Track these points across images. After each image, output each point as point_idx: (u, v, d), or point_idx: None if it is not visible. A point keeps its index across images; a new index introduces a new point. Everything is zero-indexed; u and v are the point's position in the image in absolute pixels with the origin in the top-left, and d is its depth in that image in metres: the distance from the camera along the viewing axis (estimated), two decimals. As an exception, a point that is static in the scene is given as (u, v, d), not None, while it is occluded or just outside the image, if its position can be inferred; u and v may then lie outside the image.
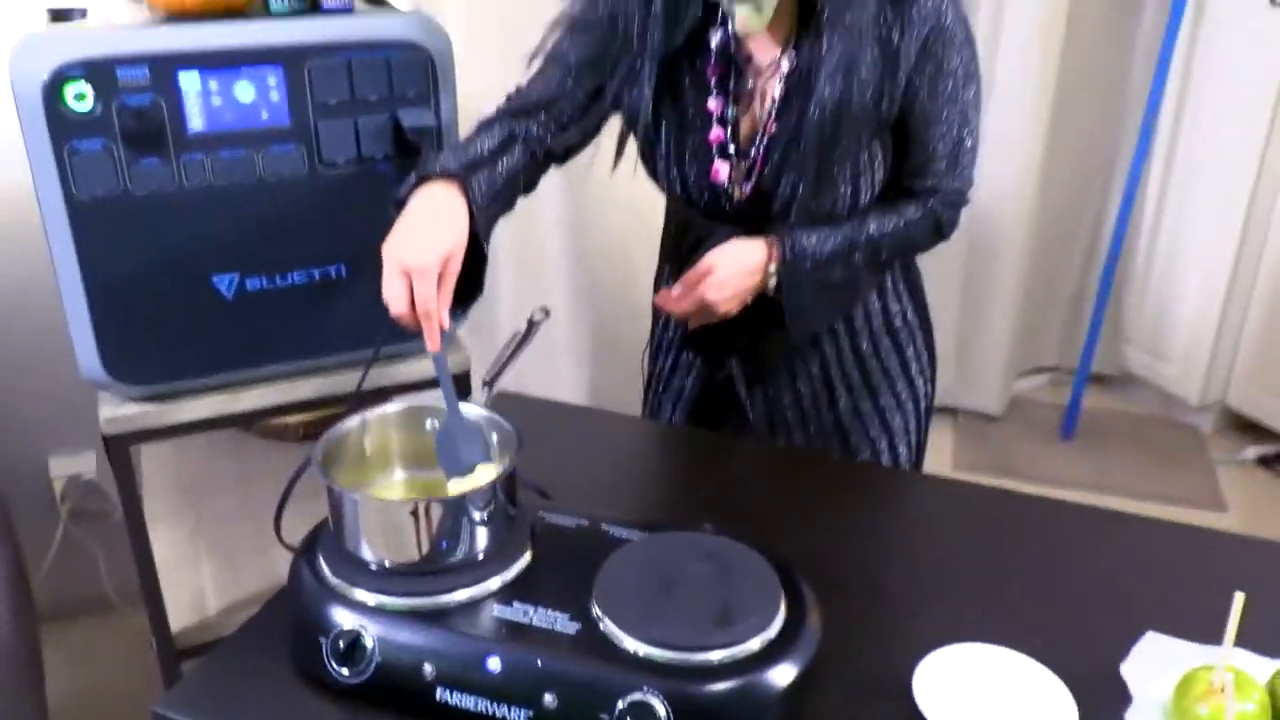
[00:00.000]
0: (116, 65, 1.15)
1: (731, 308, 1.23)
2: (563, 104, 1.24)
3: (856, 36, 1.11)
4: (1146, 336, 3.07)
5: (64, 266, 1.23)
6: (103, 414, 1.32)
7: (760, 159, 1.22)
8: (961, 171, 1.26)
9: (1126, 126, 2.93)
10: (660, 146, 1.26)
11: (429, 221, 1.09)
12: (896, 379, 1.39)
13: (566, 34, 1.24)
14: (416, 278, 1.04)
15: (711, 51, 1.21)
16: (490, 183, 1.16)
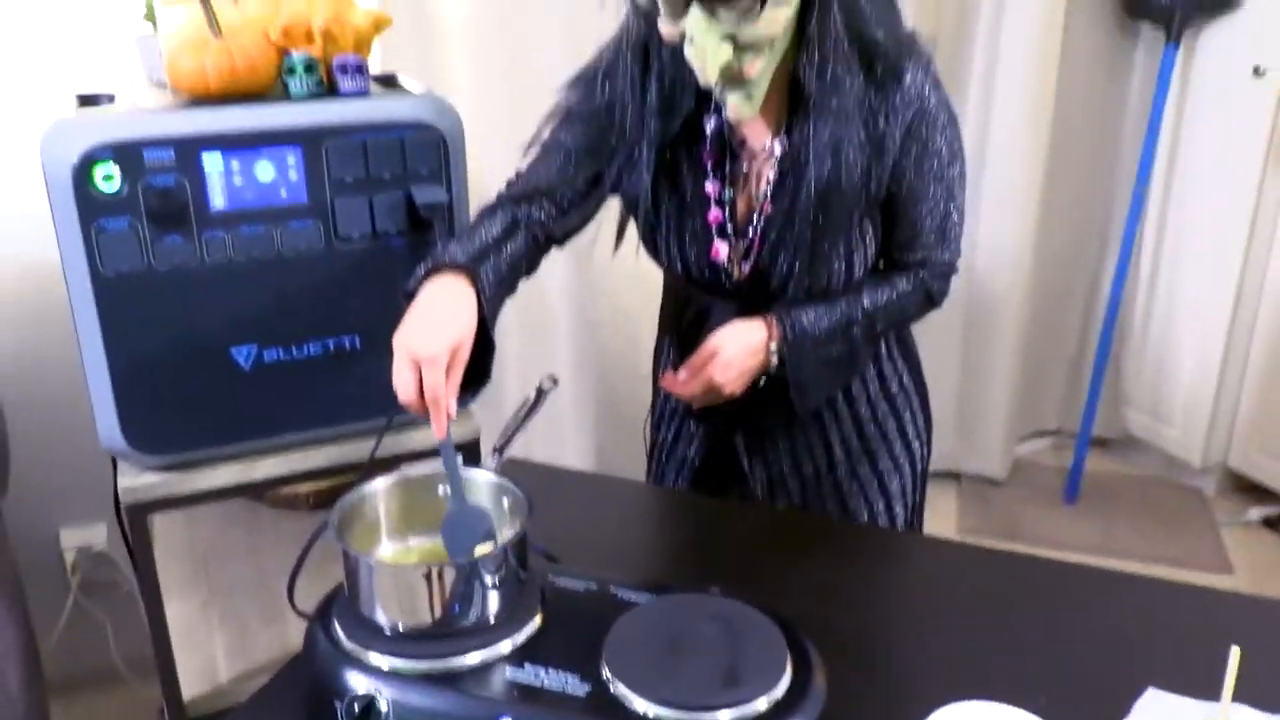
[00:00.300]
0: (143, 148, 1.20)
1: (737, 388, 1.26)
2: (563, 190, 1.28)
3: (843, 120, 1.15)
4: (1146, 399, 3.10)
5: (88, 339, 1.27)
6: (121, 483, 1.35)
7: (757, 239, 1.26)
8: (949, 244, 1.30)
9: (1119, 193, 3.00)
10: (661, 228, 1.30)
11: (439, 312, 1.11)
12: (894, 443, 1.42)
13: (563, 124, 1.28)
14: (426, 367, 1.06)
15: (707, 137, 1.25)
16: (497, 271, 1.19)
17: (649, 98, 1.21)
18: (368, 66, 1.35)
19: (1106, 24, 2.87)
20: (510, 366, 2.33)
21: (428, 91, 1.40)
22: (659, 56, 1.20)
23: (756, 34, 1.07)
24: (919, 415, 1.44)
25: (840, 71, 1.13)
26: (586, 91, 1.27)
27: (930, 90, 1.19)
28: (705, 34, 1.06)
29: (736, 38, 1.07)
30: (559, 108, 1.29)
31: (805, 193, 1.19)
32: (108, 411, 1.30)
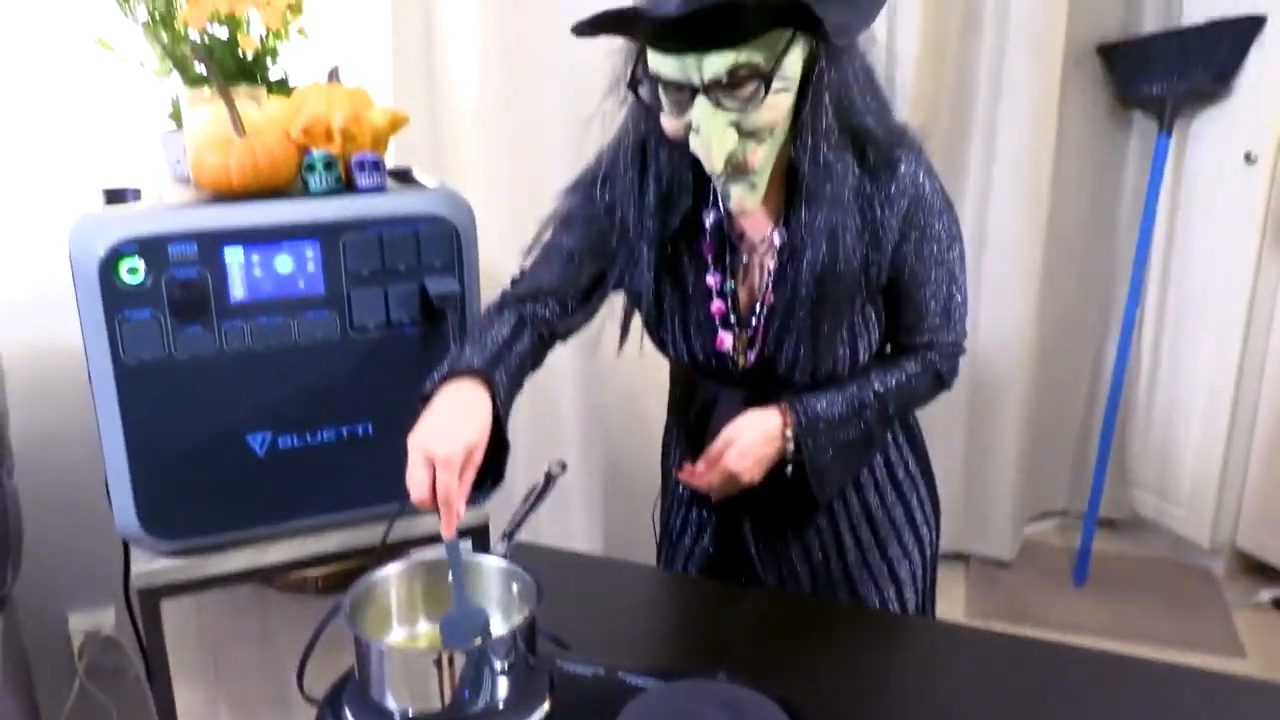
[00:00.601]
0: (168, 243, 1.25)
1: (755, 476, 1.28)
2: (566, 289, 1.31)
3: (838, 206, 1.18)
4: (1153, 480, 3.10)
5: (108, 425, 1.30)
6: (135, 568, 1.37)
7: (761, 327, 1.29)
8: (954, 325, 1.33)
9: (1118, 276, 3.04)
10: (666, 322, 1.33)
11: (455, 415, 1.13)
12: (903, 529, 1.42)
13: (563, 227, 1.32)
14: (440, 468, 1.09)
15: (706, 231, 1.29)
16: (509, 372, 1.22)
17: (647, 198, 1.25)
18: (384, 163, 1.40)
19: (1100, 114, 2.95)
20: (518, 450, 2.32)
21: (441, 185, 1.45)
22: (655, 157, 1.24)
23: (759, 121, 1.11)
24: (926, 501, 1.45)
25: (833, 159, 1.16)
26: (586, 195, 1.30)
27: (924, 178, 1.23)
28: (711, 122, 1.09)
29: (740, 126, 1.11)
30: (559, 212, 1.33)
31: (804, 279, 1.21)
32: (125, 496, 1.32)
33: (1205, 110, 2.79)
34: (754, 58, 1.07)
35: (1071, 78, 2.82)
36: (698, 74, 1.07)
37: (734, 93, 1.09)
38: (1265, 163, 2.64)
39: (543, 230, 1.34)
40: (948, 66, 2.66)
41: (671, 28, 1.05)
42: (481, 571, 1.17)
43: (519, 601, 1.14)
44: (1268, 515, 2.85)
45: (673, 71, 1.09)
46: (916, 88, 2.57)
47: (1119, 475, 3.15)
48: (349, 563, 1.49)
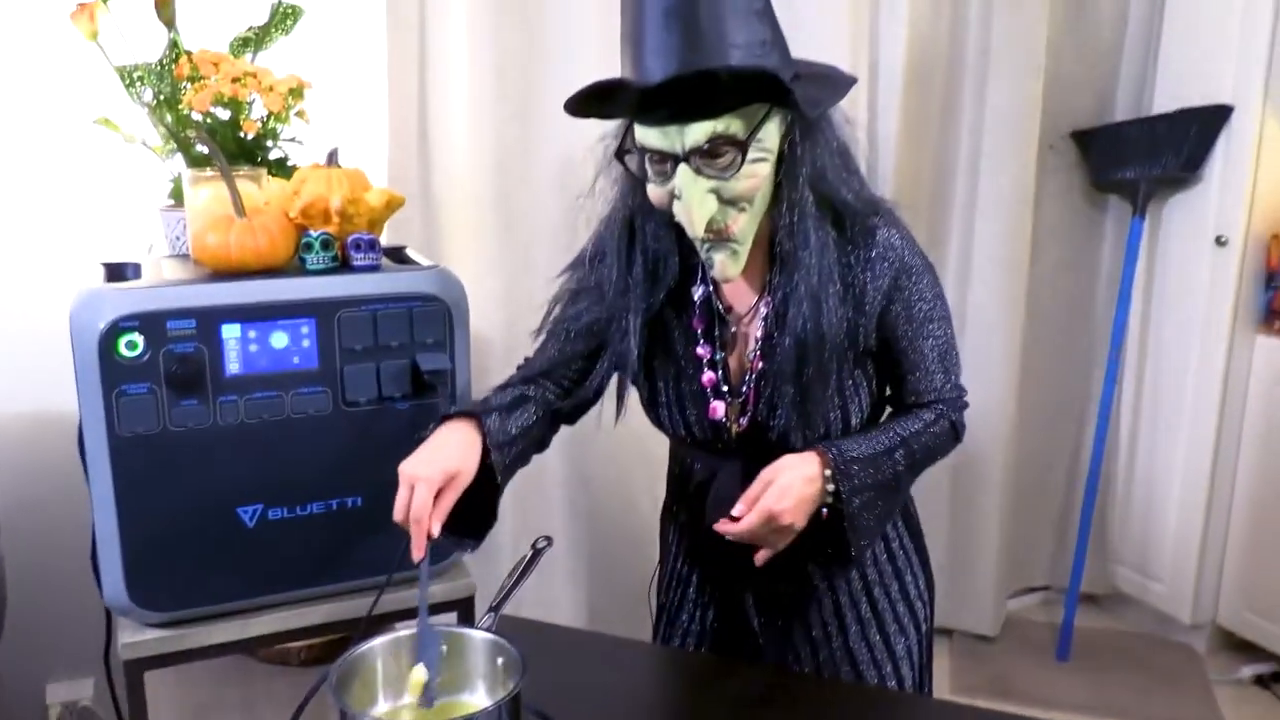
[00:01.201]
0: (167, 318, 1.28)
1: (798, 519, 1.24)
2: (563, 370, 1.37)
3: (818, 274, 1.23)
4: (1134, 556, 3.13)
5: (100, 496, 1.31)
6: (121, 639, 1.37)
7: (752, 395, 1.33)
8: (954, 378, 1.36)
9: (1096, 354, 3.10)
10: (661, 395, 1.37)
11: (442, 445, 1.21)
12: (898, 604, 1.44)
13: (567, 305, 1.38)
14: (417, 485, 1.16)
15: (695, 305, 1.34)
16: (503, 426, 1.27)
17: (635, 270, 1.30)
18: (379, 243, 1.44)
19: (1076, 197, 3.03)
20: (504, 523, 2.36)
21: (434, 265, 1.49)
22: (643, 232, 1.30)
23: (738, 189, 1.17)
24: (920, 576, 1.47)
25: (811, 228, 1.22)
26: (581, 272, 1.37)
27: (902, 243, 1.28)
28: (692, 189, 1.15)
29: (720, 193, 1.17)
30: (561, 292, 1.39)
31: (790, 344, 1.26)
32: (114, 567, 1.33)
33: (1177, 195, 2.87)
34: (731, 128, 1.13)
35: (1048, 162, 2.91)
36: (679, 143, 1.14)
37: (713, 161, 1.15)
38: (1235, 246, 2.72)
39: (548, 312, 1.40)
40: (928, 148, 2.74)
41: (654, 98, 1.12)
42: (467, 644, 1.19)
43: (504, 675, 1.15)
44: (1247, 592, 2.87)
45: (657, 141, 1.15)
46: (897, 168, 2.64)
47: (1101, 551, 3.17)
48: (332, 634, 1.49)
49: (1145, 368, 3.03)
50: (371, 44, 2.05)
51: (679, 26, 1.11)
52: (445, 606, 1.54)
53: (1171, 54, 2.85)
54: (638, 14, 1.14)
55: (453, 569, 1.56)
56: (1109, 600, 3.26)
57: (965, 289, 2.86)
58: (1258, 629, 2.85)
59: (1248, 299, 2.77)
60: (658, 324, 1.35)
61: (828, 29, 2.44)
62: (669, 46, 1.11)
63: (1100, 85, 2.96)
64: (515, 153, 2.22)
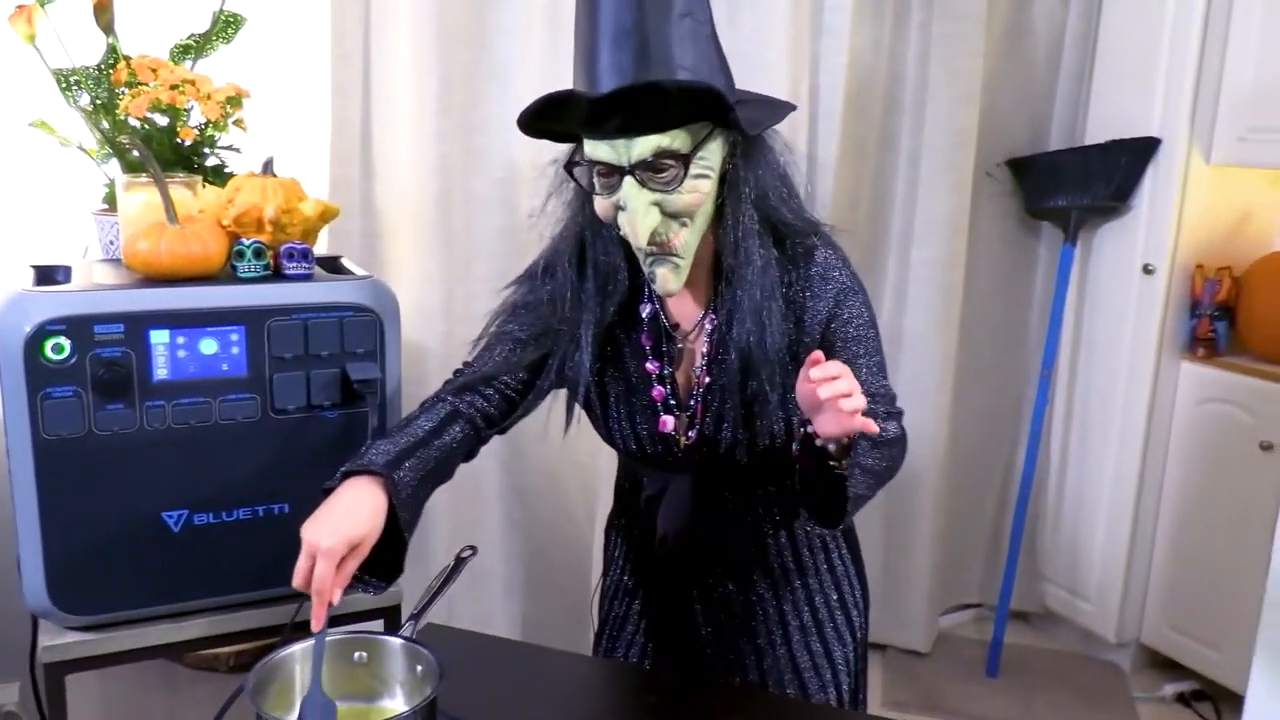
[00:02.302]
0: (94, 323, 1.29)
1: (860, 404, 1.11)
2: (507, 377, 1.38)
3: (759, 288, 1.27)
4: (1063, 575, 3.20)
5: (23, 499, 1.31)
6: (42, 642, 1.37)
7: (699, 408, 1.36)
8: (890, 390, 1.36)
9: (1029, 377, 3.18)
10: (612, 410, 1.40)
11: (345, 510, 1.18)
12: (836, 613, 1.48)
13: (510, 318, 1.40)
14: (320, 558, 1.14)
15: (643, 322, 1.38)
16: (419, 468, 1.26)
17: (586, 285, 1.34)
18: (312, 253, 1.45)
19: (1011, 223, 3.11)
20: (438, 534, 2.37)
21: (368, 276, 1.51)
22: (593, 247, 1.33)
23: (680, 204, 1.21)
24: (856, 587, 1.52)
25: (752, 246, 1.27)
26: (530, 286, 1.40)
27: (840, 265, 1.33)
28: (636, 200, 1.19)
29: (663, 206, 1.21)
30: (506, 304, 1.41)
31: (733, 358, 1.30)
32: (35, 571, 1.33)
33: (1108, 223, 2.96)
34: (675, 143, 1.19)
35: (984, 188, 2.98)
36: (626, 155, 1.18)
37: (657, 175, 1.20)
38: (1162, 274, 2.81)
39: (490, 323, 1.42)
40: (866, 174, 2.80)
41: (604, 110, 1.17)
42: (385, 651, 1.21)
43: (422, 682, 1.17)
44: (1171, 612, 2.95)
45: (604, 154, 1.20)
46: (836, 192, 2.70)
47: (1030, 570, 3.24)
48: (260, 641, 1.50)
49: (1075, 391, 3.11)
50: (315, 54, 2.07)
51: (630, 46, 1.17)
52: (373, 614, 1.55)
53: (1103, 86, 2.94)
54: (591, 34, 1.19)
55: (381, 578, 1.57)
56: (1039, 618, 3.33)
57: (901, 312, 2.92)
58: (1181, 647, 2.93)
59: (1173, 326, 2.85)
60: (608, 341, 1.38)
61: (769, 55, 2.49)
62: (620, 64, 1.17)
63: (1035, 115, 3.04)
64: (457, 167, 2.24)
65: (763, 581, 1.46)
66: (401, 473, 1.23)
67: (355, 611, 1.53)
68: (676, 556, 1.46)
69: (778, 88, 2.49)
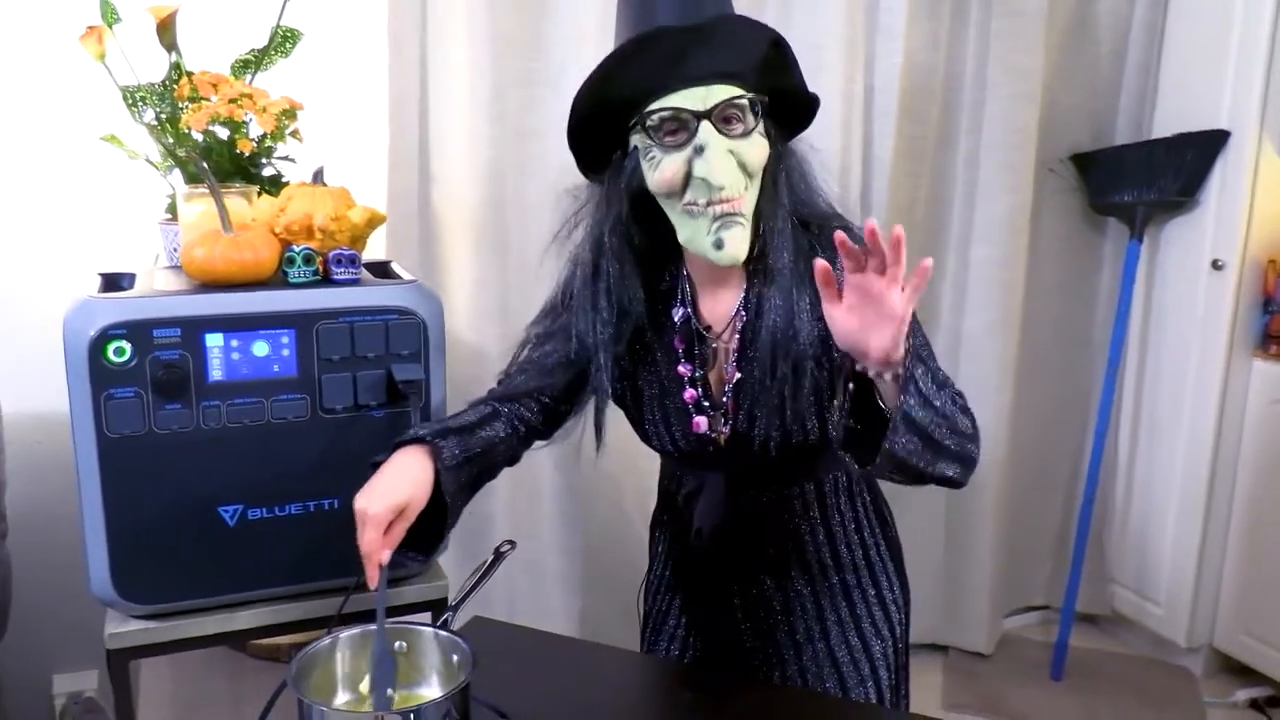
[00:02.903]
0: (153, 327, 1.36)
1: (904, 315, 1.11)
2: (546, 391, 1.43)
3: (790, 278, 1.31)
4: (1131, 577, 3.14)
5: (89, 494, 1.39)
6: (108, 629, 1.45)
7: (731, 405, 1.38)
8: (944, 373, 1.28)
9: (1094, 375, 3.12)
10: (647, 414, 1.43)
11: (390, 477, 1.26)
12: (874, 608, 1.49)
13: (534, 348, 1.45)
14: (366, 523, 1.21)
15: (675, 325, 1.40)
16: (463, 447, 1.32)
17: (600, 308, 1.37)
18: (360, 258, 1.51)
19: (1075, 219, 3.06)
20: (495, 527, 2.43)
21: (413, 280, 1.56)
22: (607, 274, 1.36)
23: (751, 154, 1.26)
24: (895, 582, 1.52)
25: (786, 236, 1.31)
26: (552, 317, 1.45)
27: None
28: (716, 144, 1.23)
29: (737, 155, 1.25)
30: (529, 336, 1.46)
31: (763, 349, 1.32)
32: (100, 561, 1.41)
33: (1175, 219, 2.90)
34: (743, 100, 1.25)
35: (1047, 184, 2.94)
36: (702, 102, 1.23)
37: (728, 126, 1.25)
38: (1232, 270, 2.74)
39: (517, 354, 1.47)
40: (924, 173, 2.78)
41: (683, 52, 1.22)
42: (423, 641, 1.25)
43: (458, 671, 1.21)
44: (1243, 615, 2.88)
45: (680, 100, 1.24)
46: (893, 191, 2.69)
47: (1099, 572, 3.19)
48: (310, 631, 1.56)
49: (1142, 390, 3.05)
50: (372, 65, 2.13)
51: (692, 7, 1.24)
52: (420, 606, 1.60)
53: (1170, 79, 2.88)
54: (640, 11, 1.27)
55: (429, 571, 1.63)
56: (1107, 621, 3.27)
57: (961, 311, 2.90)
58: (1254, 652, 2.86)
59: (1244, 322, 2.79)
60: (641, 347, 1.41)
61: (824, 57, 2.49)
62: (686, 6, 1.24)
63: (1100, 109, 2.99)
64: (510, 172, 2.29)
65: (800, 577, 1.48)
66: (444, 444, 1.30)
67: (404, 604, 1.58)
68: (713, 553, 1.48)
69: (832, 88, 2.50)
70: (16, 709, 2.03)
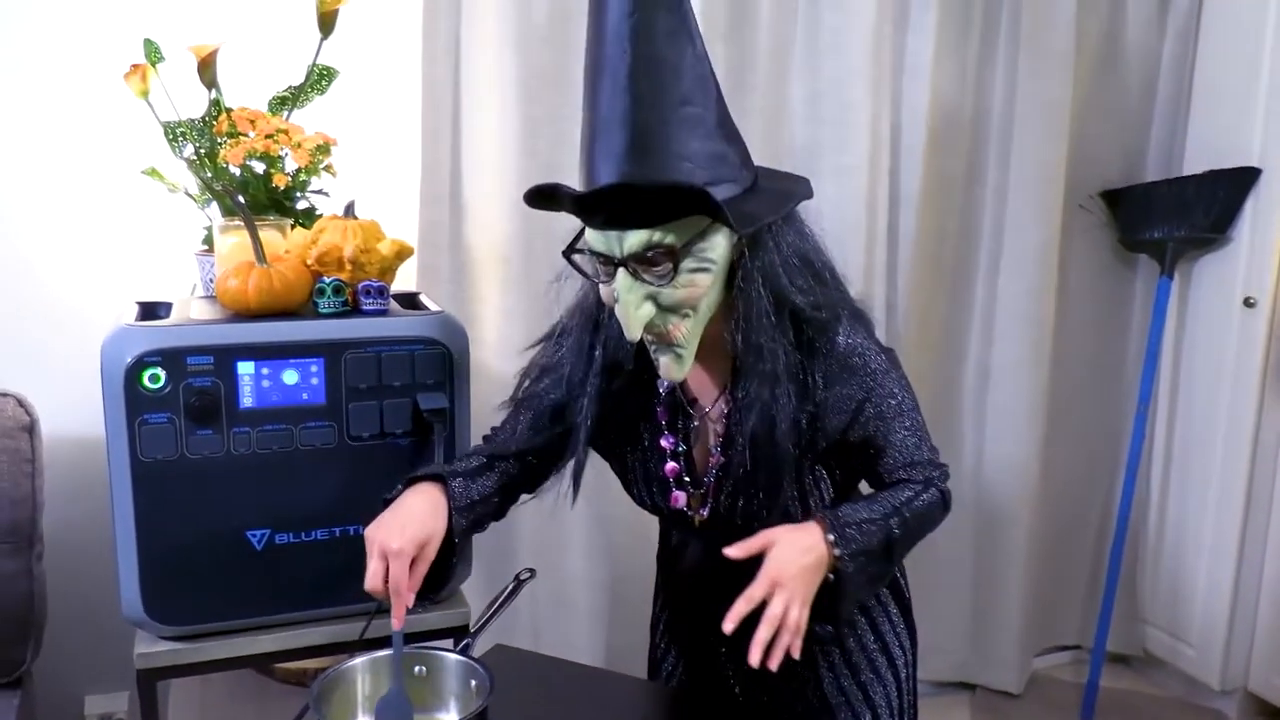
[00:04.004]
0: (187, 355, 1.40)
1: (802, 590, 1.20)
2: (531, 452, 1.41)
3: (770, 381, 1.23)
4: (1164, 618, 3.10)
5: (122, 516, 1.43)
6: (137, 649, 1.48)
7: (713, 486, 1.36)
8: (932, 454, 1.35)
9: (1125, 412, 3.09)
10: (630, 475, 1.42)
11: (411, 513, 1.27)
12: (874, 654, 1.46)
13: (535, 381, 1.42)
14: (393, 560, 1.22)
15: (660, 395, 1.37)
16: (466, 492, 1.33)
17: (594, 359, 1.32)
18: (388, 290, 1.55)
19: (1106, 255, 3.04)
20: (520, 556, 2.44)
21: (440, 311, 1.59)
22: (608, 325, 1.31)
23: (675, 298, 1.17)
24: (899, 623, 1.49)
25: (764, 340, 1.22)
26: (551, 349, 1.41)
27: (865, 349, 1.29)
28: (628, 293, 1.15)
29: (658, 300, 1.17)
30: (531, 365, 1.44)
31: (741, 446, 1.27)
32: (131, 582, 1.44)
33: (1206, 255, 2.88)
34: (668, 238, 1.14)
35: (1076, 220, 2.93)
36: (618, 248, 1.15)
37: (650, 269, 1.15)
38: (1264, 307, 2.72)
39: (519, 385, 1.44)
40: (952, 208, 2.78)
41: (592, 205, 1.14)
42: (441, 666, 1.28)
43: (475, 696, 1.23)
44: (1279, 658, 2.83)
45: (598, 244, 1.17)
46: (920, 227, 2.70)
47: (1130, 612, 3.14)
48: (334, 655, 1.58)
49: (1174, 427, 3.02)
50: (406, 102, 2.19)
51: (628, 135, 1.12)
52: (442, 633, 1.62)
53: (1201, 116, 2.88)
54: (592, 117, 1.16)
55: (450, 598, 1.65)
56: (1139, 662, 3.22)
57: (989, 346, 2.89)
58: (1290, 697, 2.81)
59: (1277, 360, 2.75)
60: (626, 409, 1.37)
61: (850, 95, 2.51)
62: (616, 153, 1.12)
63: (1130, 145, 2.98)
64: (538, 208, 2.32)
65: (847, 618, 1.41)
66: (455, 485, 1.31)
67: (426, 630, 1.60)
68: (698, 603, 1.45)
69: (858, 126, 2.52)
70: (49, 728, 2.07)
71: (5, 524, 1.80)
